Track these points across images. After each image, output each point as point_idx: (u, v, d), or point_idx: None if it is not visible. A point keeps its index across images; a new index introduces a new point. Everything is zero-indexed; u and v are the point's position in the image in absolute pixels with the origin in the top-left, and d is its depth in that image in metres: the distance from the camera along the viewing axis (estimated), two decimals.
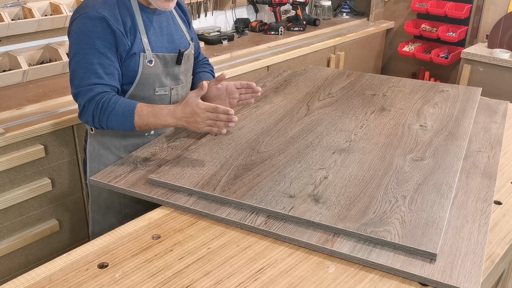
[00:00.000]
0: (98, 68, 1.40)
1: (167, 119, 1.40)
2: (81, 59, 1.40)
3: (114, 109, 1.40)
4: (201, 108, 1.36)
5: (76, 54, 1.41)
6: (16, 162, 1.80)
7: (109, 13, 1.41)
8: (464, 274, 1.01)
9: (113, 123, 1.42)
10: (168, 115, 1.40)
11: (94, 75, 1.40)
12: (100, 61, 1.41)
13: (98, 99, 1.40)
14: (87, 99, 1.41)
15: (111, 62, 1.43)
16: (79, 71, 1.41)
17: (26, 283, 1.01)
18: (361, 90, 2.00)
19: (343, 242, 1.10)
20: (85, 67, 1.40)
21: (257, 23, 3.16)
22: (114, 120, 1.41)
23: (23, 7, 2.19)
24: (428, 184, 1.30)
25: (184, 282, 1.01)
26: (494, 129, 1.70)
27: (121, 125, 1.42)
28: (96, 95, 1.40)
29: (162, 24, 1.56)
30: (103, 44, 1.40)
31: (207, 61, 1.86)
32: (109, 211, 1.59)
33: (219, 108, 1.35)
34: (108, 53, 1.41)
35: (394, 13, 3.79)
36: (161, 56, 1.52)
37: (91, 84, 1.40)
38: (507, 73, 3.02)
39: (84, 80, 1.40)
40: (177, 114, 1.39)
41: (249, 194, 1.24)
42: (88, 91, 1.40)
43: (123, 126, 1.42)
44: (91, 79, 1.40)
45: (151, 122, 1.41)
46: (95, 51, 1.40)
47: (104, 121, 1.41)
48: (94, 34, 1.40)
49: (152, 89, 1.53)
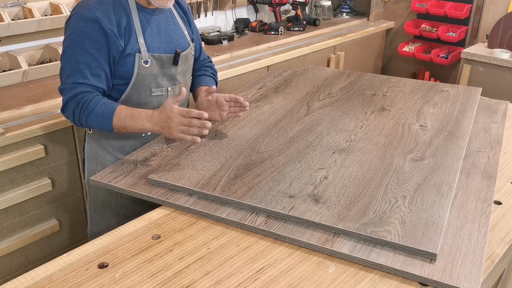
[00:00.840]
0: (84, 68, 1.42)
1: (144, 123, 1.40)
2: (69, 57, 1.43)
3: (94, 109, 1.41)
4: (175, 113, 1.36)
5: (66, 51, 1.44)
6: (16, 162, 1.80)
7: (103, 14, 1.42)
8: (464, 274, 1.01)
9: (92, 122, 1.43)
10: (145, 119, 1.40)
11: (80, 74, 1.42)
12: (87, 61, 1.42)
13: (79, 98, 1.42)
14: (69, 96, 1.43)
15: (98, 63, 1.44)
16: (67, 68, 1.44)
17: (26, 283, 1.01)
18: (361, 90, 2.00)
19: (343, 242, 1.10)
20: (72, 65, 1.42)
21: (257, 23, 3.16)
22: (93, 119, 1.42)
23: (23, 7, 2.19)
24: (428, 184, 1.30)
25: (184, 282, 1.01)
26: (494, 129, 1.70)
27: (100, 125, 1.43)
28: (78, 94, 1.42)
29: (161, 24, 1.56)
30: (92, 45, 1.42)
31: (210, 63, 1.85)
32: (106, 211, 1.59)
33: (192, 112, 1.35)
34: (96, 54, 1.42)
35: (394, 13, 3.79)
36: (157, 57, 1.52)
37: (75, 82, 1.42)
38: (507, 73, 3.02)
39: (70, 77, 1.43)
40: (153, 119, 1.40)
41: (249, 194, 1.24)
42: (72, 89, 1.42)
43: (101, 127, 1.43)
44: (76, 77, 1.42)
45: (129, 125, 1.41)
46: (83, 51, 1.42)
47: (84, 119, 1.43)
48: (84, 34, 1.41)
49: (148, 89, 1.53)
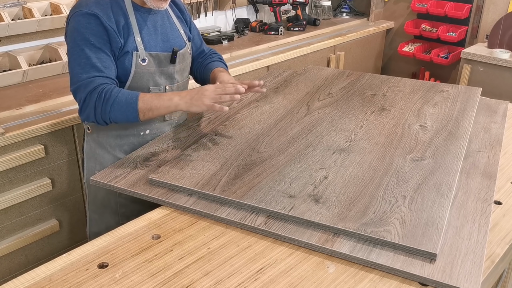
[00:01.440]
0: (96, 62, 1.41)
1: (172, 96, 1.43)
2: (78, 56, 1.41)
3: (117, 97, 1.39)
4: (211, 86, 1.44)
5: (73, 51, 1.42)
6: (16, 162, 1.80)
7: (102, 11, 1.43)
8: (464, 274, 1.01)
9: (116, 112, 1.40)
10: (173, 94, 1.45)
11: (93, 69, 1.40)
12: (97, 56, 1.41)
13: (100, 90, 1.39)
14: (88, 91, 1.40)
15: (108, 56, 1.44)
16: (77, 67, 1.41)
17: (26, 283, 1.01)
18: (361, 90, 2.00)
19: (343, 242, 1.10)
20: (83, 62, 1.41)
21: (257, 23, 3.16)
22: (117, 108, 1.39)
23: (23, 7, 2.19)
24: (428, 184, 1.30)
25: (184, 282, 1.01)
26: (494, 129, 1.70)
27: (124, 113, 1.40)
28: (97, 86, 1.40)
29: (157, 23, 1.57)
30: (97, 40, 1.41)
31: (214, 51, 1.86)
32: (105, 211, 1.59)
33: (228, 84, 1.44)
34: (103, 47, 1.43)
35: (394, 13, 3.79)
36: (155, 55, 1.53)
37: (91, 77, 1.40)
38: (507, 73, 3.02)
39: (83, 74, 1.40)
40: (182, 93, 1.45)
41: (249, 194, 1.24)
42: (89, 84, 1.40)
43: (126, 114, 1.40)
44: (90, 72, 1.40)
45: (155, 104, 1.41)
46: (91, 46, 1.41)
47: (107, 111, 1.40)
48: (88, 30, 1.41)
49: (146, 88, 1.53)
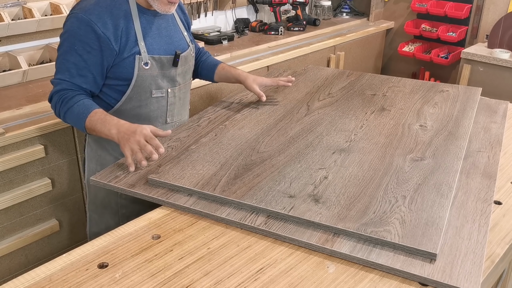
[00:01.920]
0: (72, 67, 1.46)
1: (111, 128, 1.40)
2: (60, 55, 1.48)
3: (72, 107, 1.45)
4: (144, 129, 1.35)
5: (59, 48, 1.49)
6: (16, 162, 1.80)
7: (98, 17, 1.43)
8: (464, 274, 1.01)
9: (69, 120, 1.48)
10: (114, 126, 1.40)
11: (67, 73, 1.46)
12: (75, 61, 1.46)
13: (62, 94, 1.47)
14: (54, 90, 1.48)
15: (86, 65, 1.46)
16: (57, 64, 1.49)
17: (26, 283, 1.01)
18: (361, 90, 2.00)
19: (343, 242, 1.10)
20: (63, 63, 1.47)
21: (257, 23, 3.16)
22: (69, 117, 1.47)
23: (23, 7, 2.19)
24: (428, 184, 1.30)
25: (184, 282, 1.01)
26: (494, 129, 1.70)
27: (75, 124, 1.48)
28: (61, 90, 1.47)
29: (161, 25, 1.56)
30: (83, 46, 1.44)
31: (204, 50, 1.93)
32: (105, 211, 1.59)
33: (154, 140, 1.35)
34: (85, 55, 1.45)
35: (394, 13, 3.79)
36: (157, 59, 1.52)
37: (61, 79, 1.47)
38: (507, 73, 3.02)
39: (58, 73, 1.48)
40: (121, 127, 1.39)
41: (249, 194, 1.24)
42: (57, 84, 1.48)
43: (76, 125, 1.48)
44: (63, 74, 1.47)
45: (98, 128, 1.42)
46: (73, 51, 1.45)
47: (62, 115, 1.48)
48: (76, 36, 1.44)
49: (148, 91, 1.53)
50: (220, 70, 1.83)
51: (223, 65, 1.85)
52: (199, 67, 1.85)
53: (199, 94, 2.37)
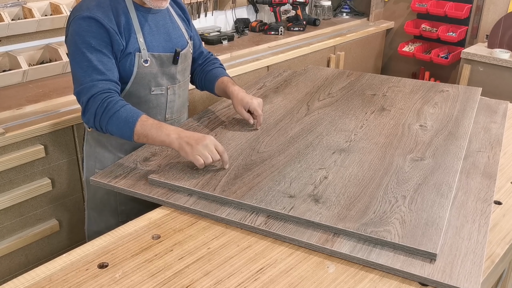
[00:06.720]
0: (98, 64, 1.39)
1: (170, 132, 1.34)
2: (80, 59, 1.40)
3: (118, 111, 1.36)
4: (212, 138, 1.33)
5: (75, 54, 1.41)
6: (16, 162, 1.80)
7: (103, 14, 1.42)
8: (464, 274, 1.01)
9: (113, 125, 1.37)
10: (173, 130, 1.35)
11: (96, 72, 1.39)
12: (99, 58, 1.40)
13: (104, 98, 1.37)
14: (90, 95, 1.38)
15: (109, 59, 1.43)
16: (79, 70, 1.40)
17: (26, 283, 1.01)
18: (361, 90, 2.00)
19: (343, 242, 1.10)
20: (86, 65, 1.39)
21: (257, 23, 3.16)
22: (115, 122, 1.37)
23: (23, 7, 2.19)
24: (428, 184, 1.30)
25: (184, 282, 1.01)
26: (494, 129, 1.70)
27: (121, 129, 1.37)
28: (101, 92, 1.37)
29: (159, 22, 1.56)
30: (98, 42, 1.40)
31: (213, 56, 1.83)
32: (105, 209, 1.59)
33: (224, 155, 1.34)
34: (104, 50, 1.41)
35: (394, 13, 3.79)
36: (157, 56, 1.52)
37: (94, 80, 1.38)
38: (507, 73, 3.02)
39: (86, 77, 1.39)
40: (182, 132, 1.35)
41: (249, 194, 1.24)
42: (91, 87, 1.38)
43: (122, 131, 1.38)
44: (92, 75, 1.38)
45: (151, 134, 1.35)
46: (92, 49, 1.40)
47: (105, 121, 1.37)
48: (89, 33, 1.40)
49: (148, 88, 1.53)
50: (219, 83, 1.71)
51: (223, 79, 1.71)
52: (204, 78, 1.76)
53: (199, 94, 2.37)
